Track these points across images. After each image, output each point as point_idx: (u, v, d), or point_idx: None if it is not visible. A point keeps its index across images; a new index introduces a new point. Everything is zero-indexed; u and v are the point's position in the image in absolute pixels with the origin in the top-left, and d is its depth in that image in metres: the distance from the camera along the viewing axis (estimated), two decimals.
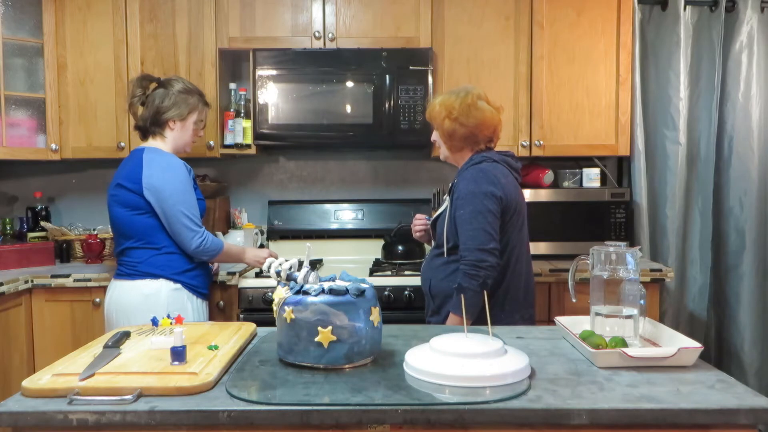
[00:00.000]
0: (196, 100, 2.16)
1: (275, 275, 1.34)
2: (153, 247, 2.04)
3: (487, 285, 1.80)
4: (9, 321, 2.34)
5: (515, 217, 1.91)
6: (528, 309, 1.97)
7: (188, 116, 2.14)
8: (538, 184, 2.85)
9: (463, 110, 1.93)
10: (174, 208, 1.99)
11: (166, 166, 2.02)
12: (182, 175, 2.03)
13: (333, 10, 2.73)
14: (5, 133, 2.63)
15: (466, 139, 1.95)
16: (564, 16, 2.74)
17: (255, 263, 2.25)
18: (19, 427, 1.05)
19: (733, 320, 2.96)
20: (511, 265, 1.91)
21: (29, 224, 2.88)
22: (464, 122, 1.93)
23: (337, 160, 3.13)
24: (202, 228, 2.04)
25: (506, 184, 1.89)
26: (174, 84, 2.13)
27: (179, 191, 2.00)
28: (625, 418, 1.03)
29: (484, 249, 1.80)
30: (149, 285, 2.02)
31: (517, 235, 1.93)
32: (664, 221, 2.93)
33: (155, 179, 1.99)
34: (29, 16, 2.68)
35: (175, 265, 2.05)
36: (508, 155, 1.99)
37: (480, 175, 1.87)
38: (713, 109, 2.89)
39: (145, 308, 1.98)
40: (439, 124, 1.98)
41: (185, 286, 2.06)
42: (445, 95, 2.00)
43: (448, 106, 1.95)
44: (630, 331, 1.36)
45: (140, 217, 2.01)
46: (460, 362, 1.15)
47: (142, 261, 2.03)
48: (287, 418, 1.03)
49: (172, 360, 1.20)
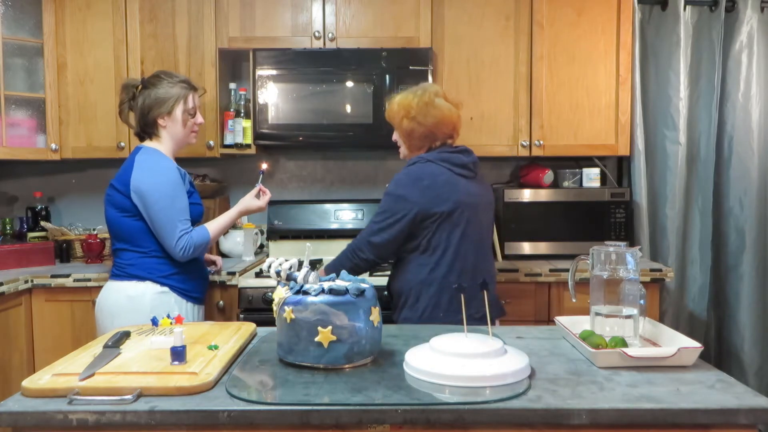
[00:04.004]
0: (179, 90, 2.06)
1: (275, 275, 1.34)
2: (140, 250, 1.99)
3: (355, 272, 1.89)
4: (9, 321, 2.34)
5: (449, 216, 1.88)
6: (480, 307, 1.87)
7: (174, 108, 2.04)
8: (538, 184, 2.85)
9: (421, 109, 1.93)
10: (159, 213, 1.93)
11: (153, 169, 1.96)
12: (170, 178, 1.96)
13: (333, 9, 2.73)
14: (5, 133, 2.63)
15: (426, 137, 1.96)
16: (564, 16, 2.74)
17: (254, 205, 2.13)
18: (19, 427, 1.05)
19: (733, 320, 2.96)
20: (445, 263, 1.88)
21: (29, 224, 2.88)
22: (422, 121, 1.93)
23: (337, 160, 3.13)
24: (187, 228, 1.96)
25: (431, 185, 1.87)
26: (154, 81, 2.06)
27: (165, 195, 1.93)
28: (625, 418, 1.03)
29: (368, 240, 1.91)
30: (134, 287, 1.97)
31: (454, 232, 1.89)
32: (664, 221, 2.93)
33: (142, 182, 1.94)
34: (29, 16, 2.68)
35: (162, 268, 1.99)
36: (457, 151, 1.96)
37: (403, 178, 1.91)
38: (713, 109, 2.89)
39: (130, 310, 1.94)
40: (397, 124, 1.99)
41: (173, 289, 2.00)
42: (403, 94, 2.00)
43: (405, 106, 1.95)
44: (630, 331, 1.36)
45: (128, 219, 1.97)
46: (460, 362, 1.15)
47: (131, 263, 1.99)
48: (287, 418, 1.03)
49: (172, 360, 1.20)
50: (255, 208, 2.14)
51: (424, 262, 1.90)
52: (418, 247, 1.91)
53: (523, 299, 2.51)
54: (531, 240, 2.73)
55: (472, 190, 1.95)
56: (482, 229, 1.97)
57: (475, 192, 1.96)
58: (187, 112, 2.07)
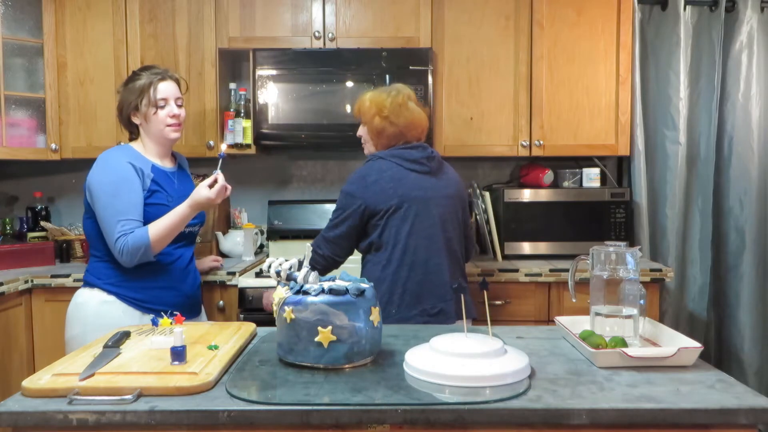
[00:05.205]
0: (143, 82, 1.86)
1: (275, 275, 1.34)
2: (95, 253, 1.88)
3: (315, 269, 1.88)
4: (9, 321, 2.34)
5: (398, 210, 1.89)
6: (436, 303, 1.90)
7: (140, 102, 1.86)
8: (538, 184, 2.85)
9: (394, 109, 1.96)
10: (101, 212, 1.78)
11: (101, 166, 1.84)
12: (117, 174, 1.79)
13: (333, 10, 2.73)
14: (5, 133, 2.63)
15: (395, 137, 1.98)
16: (564, 16, 2.74)
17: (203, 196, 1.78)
18: (19, 427, 1.05)
19: (733, 320, 2.96)
20: (396, 257, 1.89)
21: (29, 224, 2.88)
22: (394, 121, 1.96)
23: (337, 160, 3.13)
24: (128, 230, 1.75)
25: (377, 180, 1.90)
26: (129, 78, 1.94)
27: (105, 193, 1.77)
28: (625, 418, 1.03)
29: (324, 236, 1.96)
30: (82, 294, 1.86)
31: (403, 227, 1.89)
32: (664, 221, 2.93)
33: (89, 179, 1.83)
34: (29, 16, 2.68)
35: (109, 274, 1.83)
36: (411, 147, 1.96)
37: (353, 176, 1.95)
38: (713, 109, 2.89)
39: (74, 318, 1.85)
40: (368, 120, 2.00)
41: (122, 299, 1.83)
42: (376, 92, 2.02)
43: (378, 104, 1.97)
44: (630, 331, 1.36)
45: (88, 220, 1.87)
46: (460, 362, 1.15)
47: (89, 268, 1.90)
48: (287, 418, 1.03)
49: (172, 360, 1.20)
50: (203, 200, 1.78)
51: (376, 260, 1.93)
52: (371, 245, 1.94)
53: (523, 299, 2.51)
54: (531, 240, 2.73)
55: (425, 184, 1.94)
56: (434, 223, 1.93)
57: (428, 186, 1.95)
58: (151, 104, 1.86)
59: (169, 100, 1.89)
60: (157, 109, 1.87)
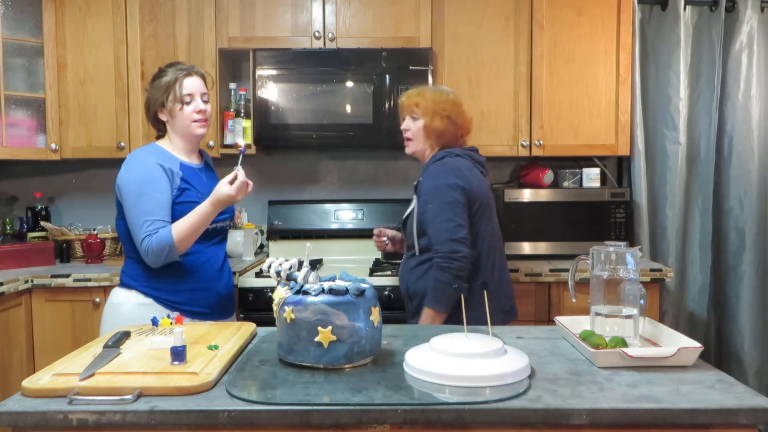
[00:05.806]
0: (169, 78, 1.84)
1: (275, 275, 1.34)
2: (130, 254, 1.85)
3: (462, 277, 1.80)
4: (9, 321, 2.34)
5: (482, 209, 1.91)
6: (507, 301, 1.97)
7: (166, 99, 1.84)
8: (538, 184, 2.85)
9: (455, 109, 1.97)
10: (128, 212, 1.76)
11: (129, 165, 1.81)
12: (143, 173, 1.77)
13: (333, 9, 2.73)
14: (5, 133, 2.63)
15: (453, 137, 1.98)
16: (564, 16, 2.74)
17: (223, 193, 1.76)
18: (19, 427, 1.05)
19: (733, 320, 2.96)
20: (483, 256, 1.91)
21: (29, 224, 2.88)
22: (456, 120, 1.96)
23: (337, 160, 3.13)
24: (153, 229, 1.72)
25: (470, 176, 1.90)
26: (155, 75, 1.90)
27: (132, 192, 1.75)
28: (625, 418, 1.03)
29: (455, 239, 1.81)
30: (118, 294, 1.84)
31: (486, 227, 1.93)
32: (664, 221, 2.93)
33: (119, 178, 1.81)
34: (29, 16, 2.68)
35: (148, 276, 1.80)
36: (472, 150, 2.01)
37: (442, 169, 1.89)
38: (713, 109, 2.89)
39: (108, 319, 1.82)
40: (429, 118, 1.96)
41: (159, 301, 1.80)
42: (431, 91, 2.01)
43: (440, 103, 1.96)
44: (630, 331, 1.36)
45: (120, 221, 1.85)
46: (460, 362, 1.15)
47: (125, 269, 1.88)
48: (287, 417, 1.03)
49: (172, 360, 1.20)
50: (225, 197, 1.75)
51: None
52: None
53: (523, 299, 2.50)
54: (531, 240, 2.73)
55: (486, 186, 1.99)
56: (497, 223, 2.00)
57: (488, 188, 2.00)
58: (177, 99, 1.83)
59: (195, 96, 1.86)
60: (183, 105, 1.84)
